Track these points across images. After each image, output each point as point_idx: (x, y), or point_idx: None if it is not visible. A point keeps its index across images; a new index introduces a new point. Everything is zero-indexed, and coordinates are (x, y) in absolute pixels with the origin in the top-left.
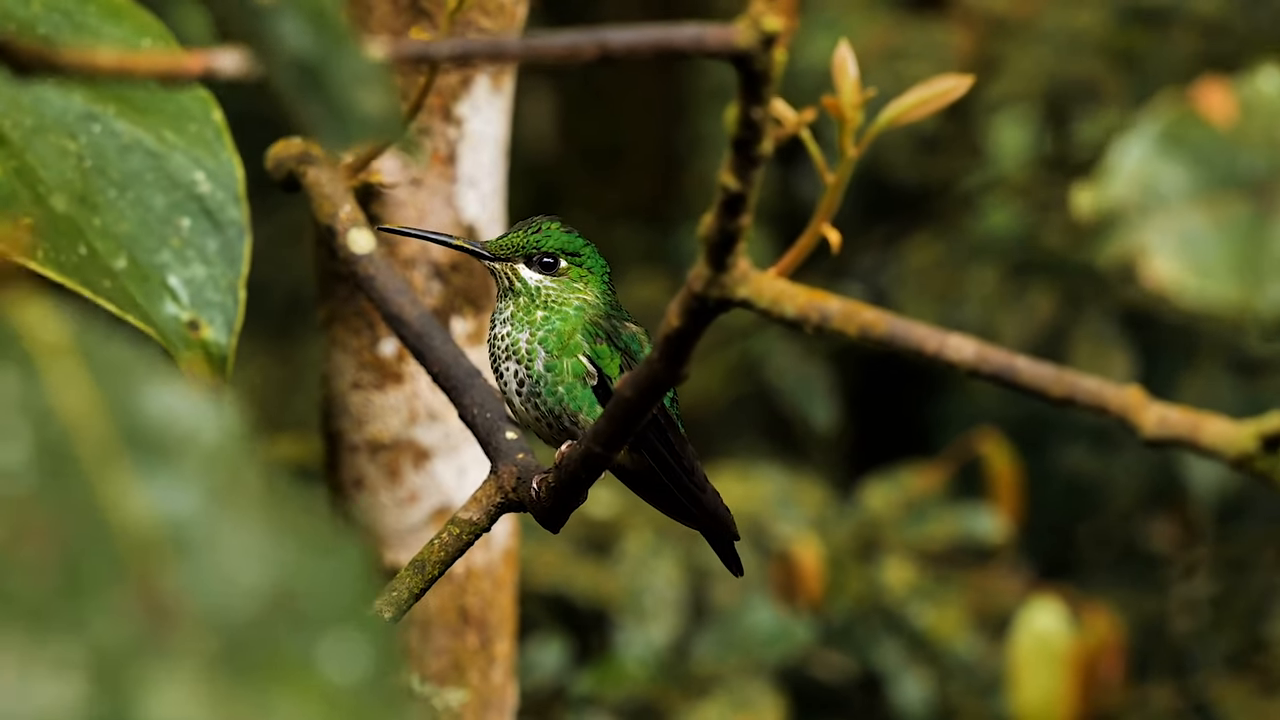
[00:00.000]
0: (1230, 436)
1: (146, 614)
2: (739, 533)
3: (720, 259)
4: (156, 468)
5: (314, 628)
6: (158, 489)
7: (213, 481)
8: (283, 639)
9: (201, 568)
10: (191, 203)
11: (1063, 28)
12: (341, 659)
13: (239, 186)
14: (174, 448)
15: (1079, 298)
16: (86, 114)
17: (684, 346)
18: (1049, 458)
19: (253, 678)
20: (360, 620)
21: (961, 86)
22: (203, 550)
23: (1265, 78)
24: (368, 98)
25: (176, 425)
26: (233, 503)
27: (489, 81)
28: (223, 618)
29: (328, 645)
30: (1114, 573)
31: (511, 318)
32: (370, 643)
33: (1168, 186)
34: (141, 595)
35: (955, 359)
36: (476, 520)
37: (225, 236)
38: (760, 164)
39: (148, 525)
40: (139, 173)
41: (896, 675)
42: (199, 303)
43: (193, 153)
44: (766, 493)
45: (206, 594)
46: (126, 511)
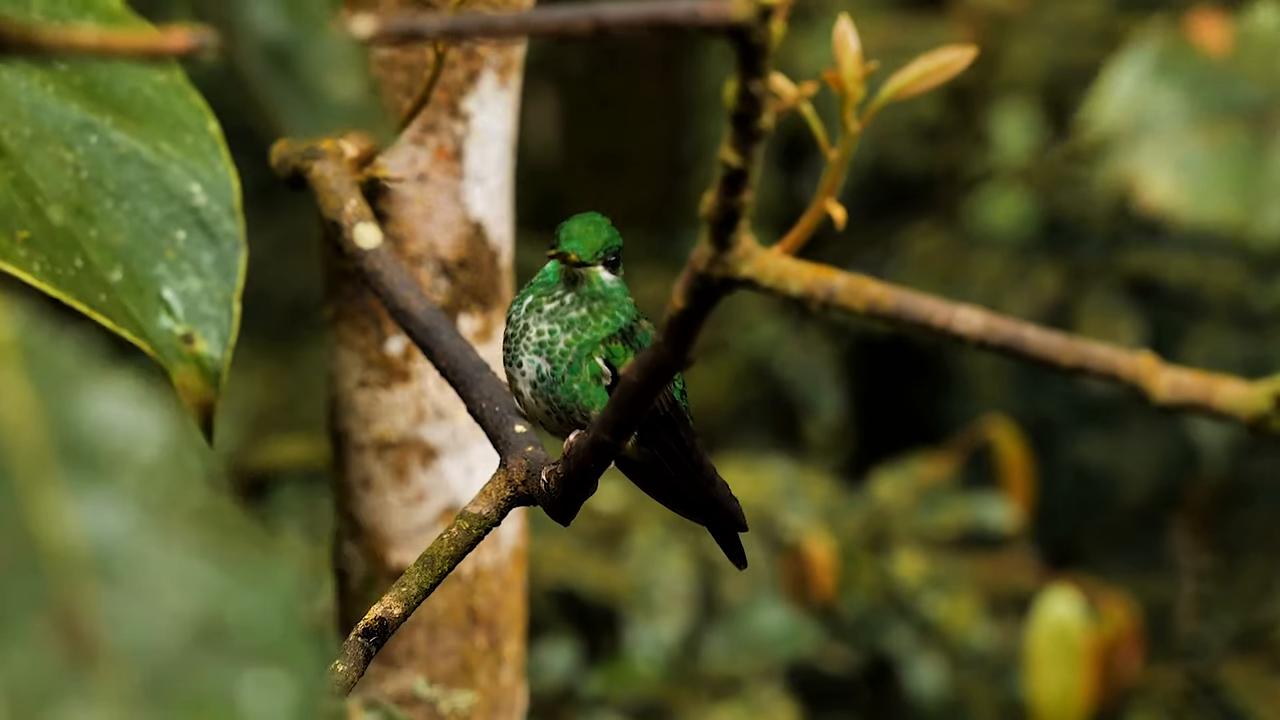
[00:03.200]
0: (1244, 398)
1: (67, 646)
2: (747, 525)
3: (723, 237)
4: (91, 484)
5: (240, 662)
6: (90, 507)
7: (148, 499)
8: (207, 673)
9: (128, 594)
10: (187, 215)
11: (1063, 20)
12: (266, 695)
13: (235, 199)
14: (111, 462)
15: (1084, 274)
16: (84, 124)
17: (689, 329)
18: (1058, 446)
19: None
20: (287, 655)
21: (964, 59)
22: (130, 575)
23: (1264, 12)
24: (341, 83)
25: (116, 437)
26: (167, 523)
27: (495, 77)
28: (146, 650)
29: (252, 682)
30: (1122, 558)
31: (558, 317)
32: (297, 681)
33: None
34: (62, 626)
35: (964, 330)
36: (486, 514)
37: (220, 249)
38: (761, 138)
39: (76, 547)
40: (135, 184)
41: (909, 661)
42: (193, 316)
43: (189, 164)
44: (774, 484)
45: (131, 623)
46: (55, 532)
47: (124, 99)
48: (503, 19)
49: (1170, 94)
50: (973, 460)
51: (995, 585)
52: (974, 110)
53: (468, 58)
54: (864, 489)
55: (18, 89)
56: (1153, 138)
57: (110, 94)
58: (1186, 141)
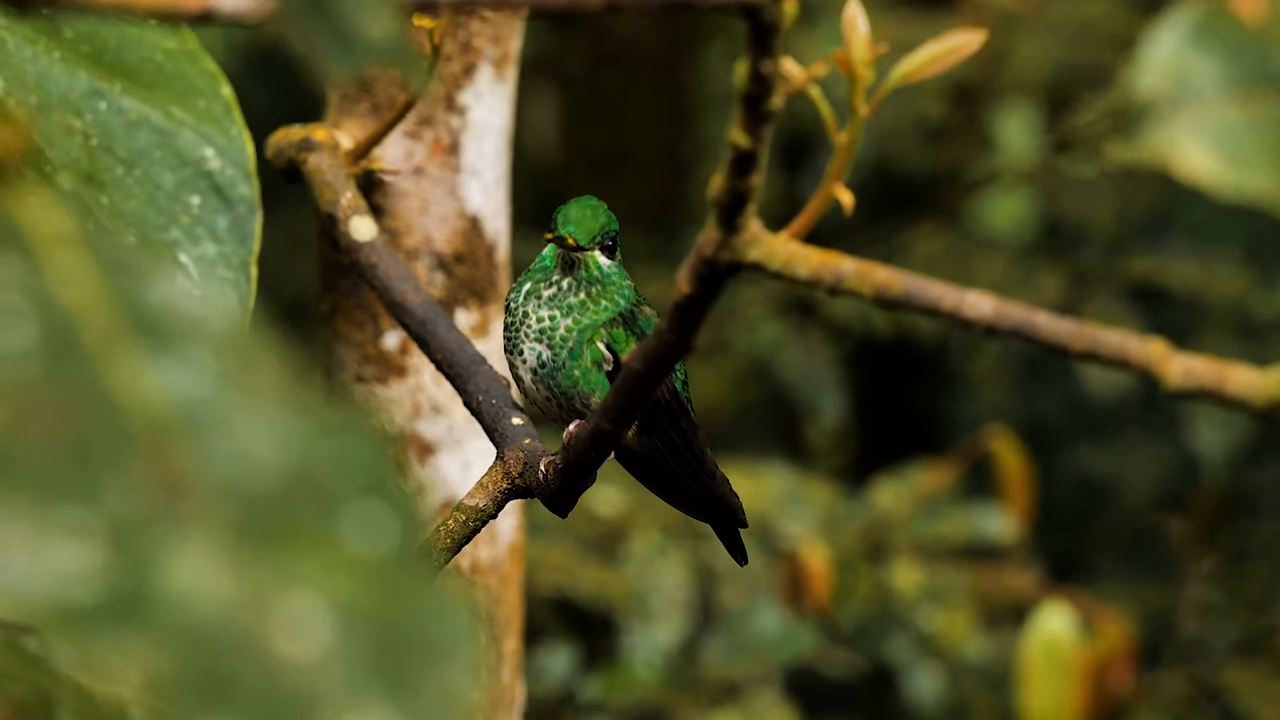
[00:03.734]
0: (1257, 385)
1: (161, 486)
2: (747, 521)
3: (730, 220)
4: (165, 352)
5: (335, 501)
6: (167, 371)
7: (223, 366)
8: (303, 511)
9: (215, 445)
10: (201, 180)
11: (1071, 19)
12: (365, 530)
13: (249, 163)
14: (182, 334)
15: (1087, 278)
16: (92, 90)
17: (694, 315)
18: (1060, 456)
19: (274, 547)
20: (382, 492)
21: (973, 43)
22: (216, 429)
23: None
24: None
25: (184, 313)
26: (245, 386)
27: (492, 70)
28: (241, 491)
29: (350, 517)
30: (1124, 564)
31: (557, 301)
32: (394, 514)
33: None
34: (154, 468)
35: (973, 316)
36: (483, 507)
37: (236, 213)
38: (771, 120)
39: (158, 405)
40: (147, 150)
41: (908, 670)
42: (210, 280)
43: (201, 129)
44: (774, 490)
45: (222, 469)
46: (136, 393)
47: (133, 65)
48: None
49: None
50: (973, 470)
51: (994, 596)
52: (978, 111)
53: (464, 51)
54: (863, 497)
55: (22, 57)
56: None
57: (119, 61)
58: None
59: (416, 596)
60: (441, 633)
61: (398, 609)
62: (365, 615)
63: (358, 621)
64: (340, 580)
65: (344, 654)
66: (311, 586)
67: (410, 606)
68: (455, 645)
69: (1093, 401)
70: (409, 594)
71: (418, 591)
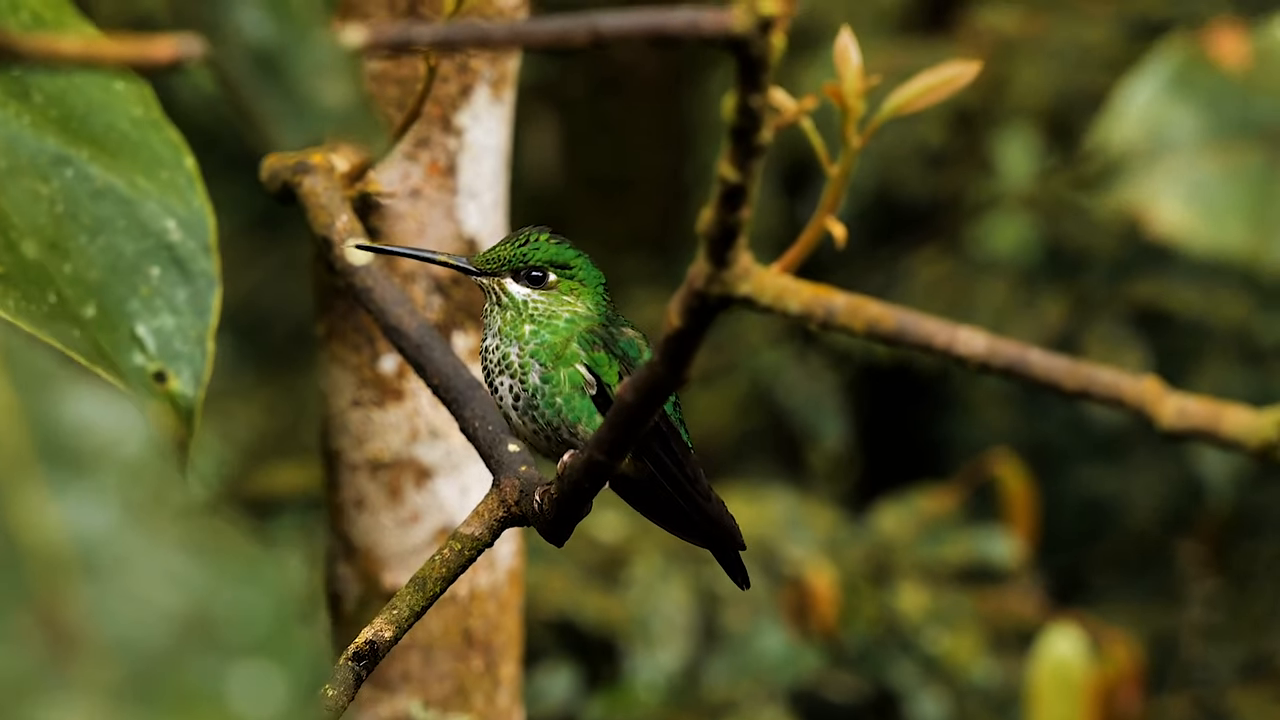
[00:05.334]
0: (1252, 426)
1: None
2: (745, 543)
3: (721, 254)
4: (72, 481)
5: (228, 656)
6: (71, 505)
7: (130, 497)
8: (193, 668)
9: (112, 591)
10: (162, 251)
11: (1071, 44)
12: (256, 691)
13: (210, 236)
14: (92, 460)
15: (1089, 303)
16: (60, 157)
17: (686, 347)
18: (1063, 478)
19: (157, 710)
20: (278, 650)
21: (967, 74)
22: (114, 572)
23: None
24: (330, 89)
25: (97, 436)
26: (150, 520)
27: (489, 91)
28: (130, 645)
29: (241, 676)
30: (1129, 586)
31: (500, 332)
32: (288, 674)
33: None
34: (44, 621)
35: (965, 353)
36: (479, 535)
37: (195, 287)
38: (760, 154)
39: (57, 545)
40: (110, 219)
41: (913, 693)
42: (166, 354)
43: (164, 200)
44: (776, 515)
45: (115, 619)
46: (36, 530)
47: (100, 133)
48: (497, 30)
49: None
50: (977, 493)
51: (999, 620)
52: (979, 135)
53: (461, 72)
54: (867, 521)
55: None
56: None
57: (86, 127)
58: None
59: None
60: None
61: None
62: None
63: None
64: None
65: None
66: None
67: None
68: None
69: (1096, 424)
70: None
71: None
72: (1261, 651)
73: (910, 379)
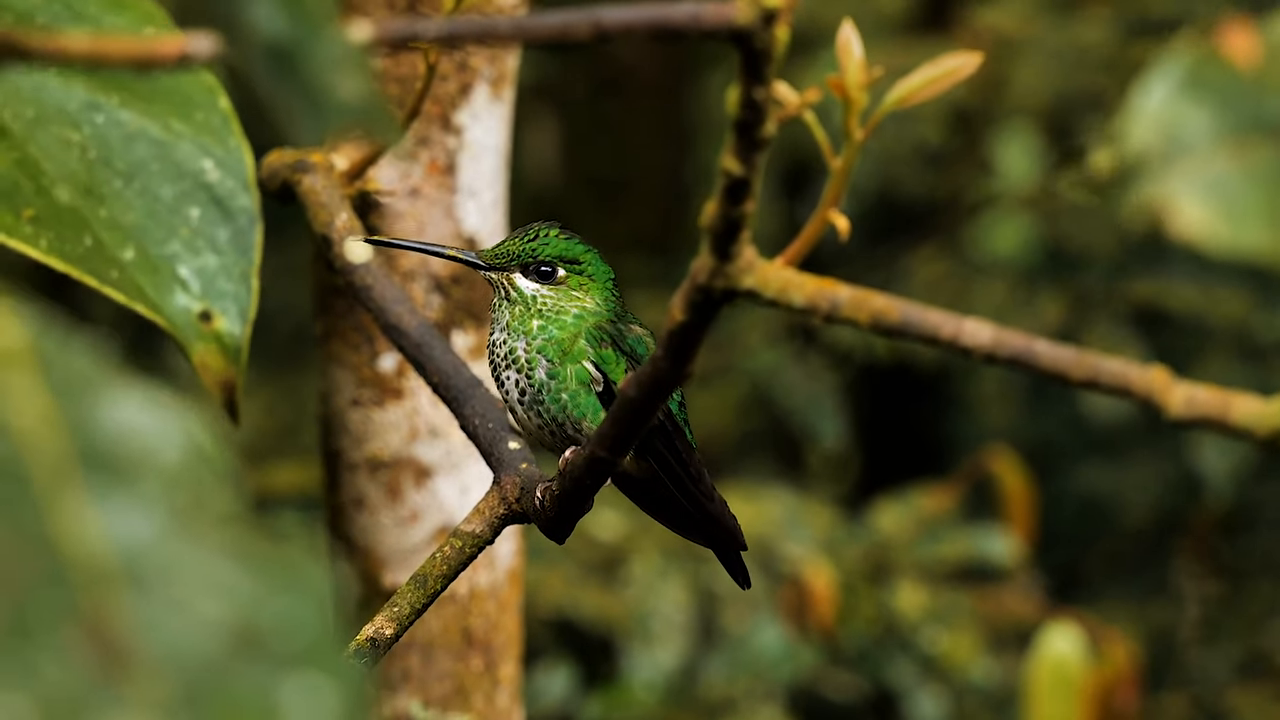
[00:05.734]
0: (1260, 414)
1: (98, 656)
2: (747, 543)
3: (724, 248)
4: (113, 490)
5: (279, 668)
6: (114, 514)
7: (173, 504)
8: (245, 680)
9: (158, 601)
10: (200, 191)
11: (1070, 44)
12: (309, 703)
13: (249, 174)
14: (133, 467)
15: (1088, 301)
16: (89, 104)
17: (689, 342)
18: (1061, 476)
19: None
20: (328, 661)
21: (968, 66)
22: (160, 582)
23: None
24: (345, 83)
25: (137, 442)
26: (194, 528)
27: (488, 89)
28: (180, 657)
29: (293, 688)
30: (1127, 584)
31: (508, 326)
32: (339, 686)
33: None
34: (93, 635)
35: (971, 344)
36: (479, 533)
37: (236, 225)
38: (764, 147)
39: (102, 555)
40: (145, 162)
41: (911, 693)
42: (211, 293)
43: (200, 140)
44: (775, 514)
45: (163, 631)
46: (79, 540)
47: (130, 78)
48: (500, 23)
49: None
50: (975, 491)
51: (997, 618)
52: (978, 135)
53: (460, 70)
54: (865, 519)
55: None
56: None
57: (115, 73)
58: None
59: None
60: None
61: None
62: None
63: None
64: None
65: None
66: None
67: None
68: None
69: (1095, 422)
70: None
71: None
72: (1259, 650)
73: (910, 379)
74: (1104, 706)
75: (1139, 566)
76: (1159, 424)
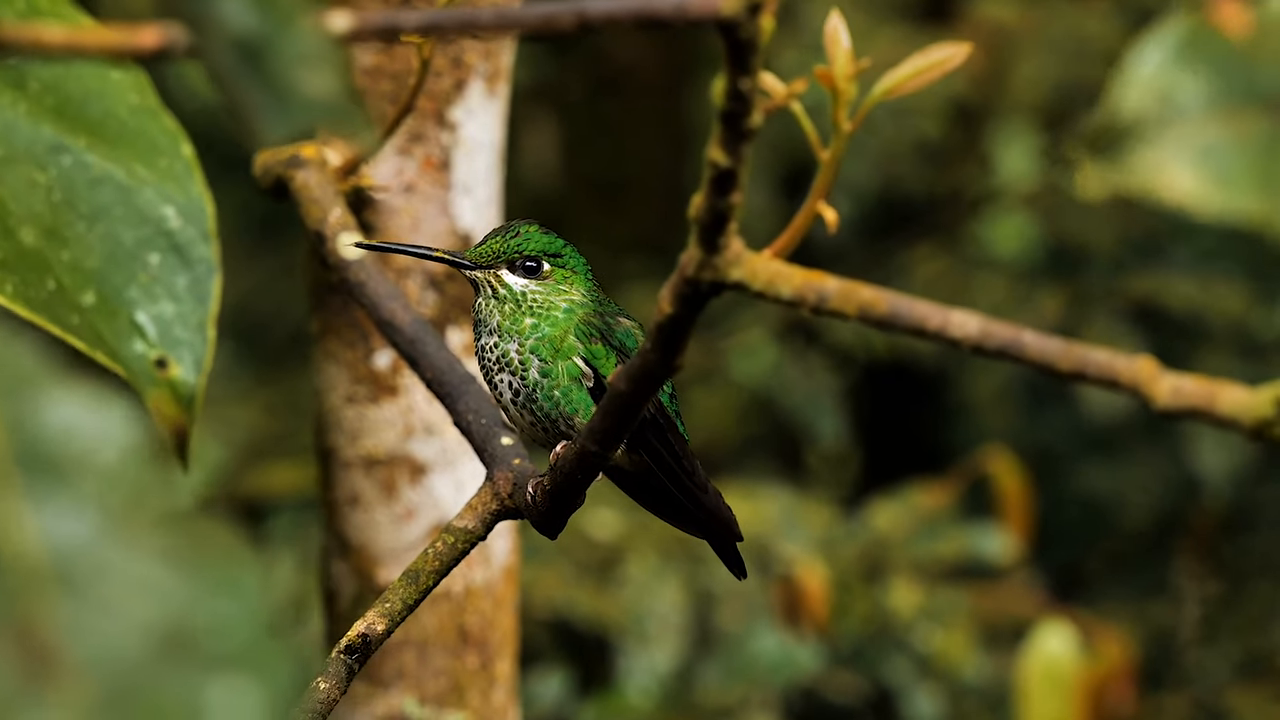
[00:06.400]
0: (1247, 403)
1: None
2: (742, 534)
3: (712, 240)
4: (50, 491)
5: (206, 670)
6: (50, 515)
7: (110, 505)
8: (171, 683)
9: (89, 603)
10: (161, 238)
11: (1070, 35)
12: (232, 706)
13: (209, 223)
14: (72, 467)
15: (1087, 298)
16: (57, 145)
17: (678, 335)
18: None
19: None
20: (255, 662)
21: (959, 55)
22: (92, 584)
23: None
24: (313, 79)
25: (76, 442)
26: (129, 529)
27: (483, 86)
28: (107, 660)
29: (219, 690)
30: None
31: (499, 328)
32: (264, 688)
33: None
34: (21, 638)
35: (959, 335)
36: (472, 528)
37: (194, 273)
38: (750, 138)
39: (35, 556)
40: (108, 207)
41: (907, 692)
42: (167, 340)
43: (162, 188)
44: (772, 513)
45: (92, 633)
46: (14, 541)
47: (97, 121)
48: (484, 14)
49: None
50: (972, 490)
51: (993, 616)
52: (978, 132)
53: (455, 66)
54: (861, 518)
55: None
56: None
57: (83, 116)
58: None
59: None
60: None
61: None
62: None
63: None
64: None
65: None
66: None
67: None
68: None
69: (1093, 422)
70: None
71: None
72: (1259, 650)
73: (910, 380)
74: (1097, 703)
75: (1139, 567)
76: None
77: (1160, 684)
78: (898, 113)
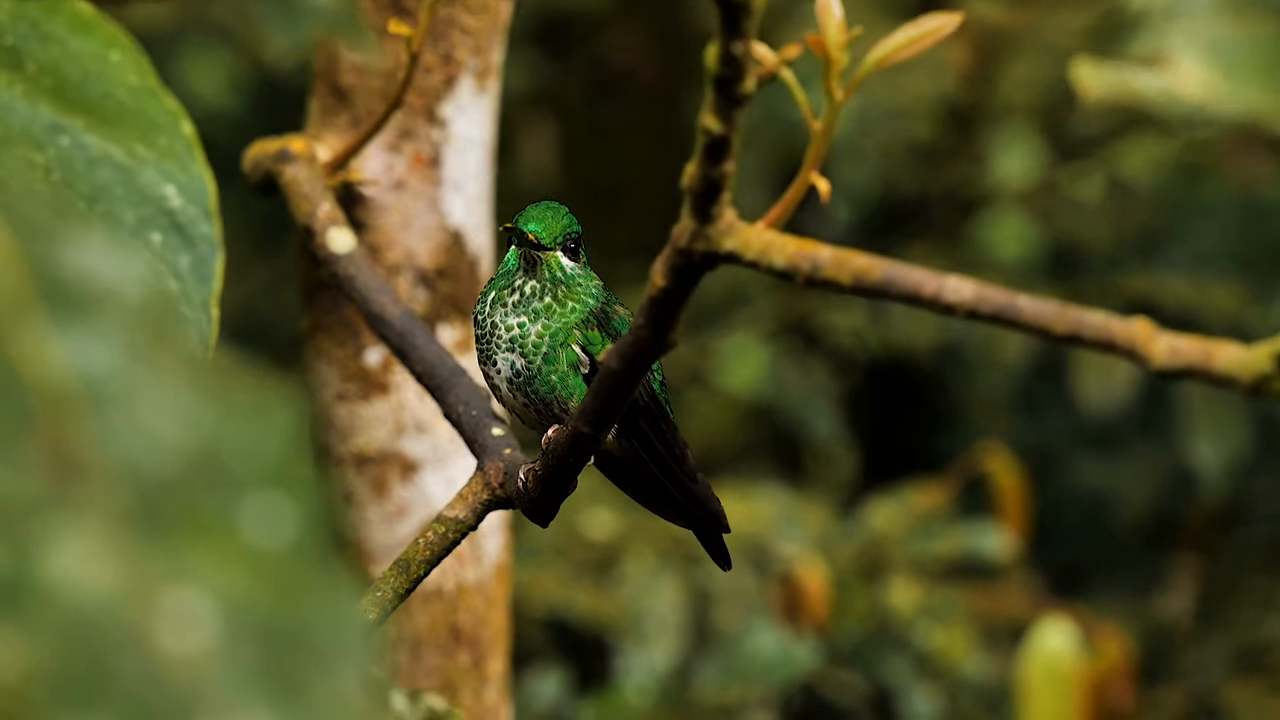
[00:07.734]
0: (1244, 360)
1: (54, 466)
2: (729, 525)
3: (705, 209)
4: (74, 322)
5: (237, 489)
6: (74, 343)
7: (134, 339)
8: (202, 498)
9: (118, 424)
10: (162, 218)
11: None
12: (266, 522)
13: (210, 201)
14: (94, 303)
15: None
16: (54, 126)
17: (671, 309)
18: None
19: (167, 536)
20: (287, 482)
21: (950, 24)
22: (120, 406)
23: None
24: None
25: (97, 282)
26: (155, 361)
27: (473, 82)
28: (139, 474)
29: (251, 507)
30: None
31: (542, 309)
32: (297, 506)
33: None
34: (50, 447)
35: (954, 300)
36: (462, 518)
37: (197, 252)
38: (743, 103)
39: (62, 379)
40: (108, 186)
41: (905, 691)
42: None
43: (163, 166)
44: (769, 512)
45: (122, 450)
46: (39, 364)
47: (96, 101)
48: None
49: None
50: (969, 489)
51: (991, 614)
52: (972, 132)
53: (445, 63)
54: (859, 517)
55: None
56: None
57: (81, 96)
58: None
59: (311, 596)
60: (334, 635)
61: (290, 608)
62: (255, 612)
63: (247, 618)
64: (233, 574)
65: (229, 652)
66: (201, 580)
67: (304, 606)
68: (347, 649)
69: (1090, 418)
70: (303, 593)
71: (313, 591)
72: (1255, 644)
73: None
74: (1098, 700)
75: (1135, 562)
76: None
77: (1156, 678)
78: (892, 114)
